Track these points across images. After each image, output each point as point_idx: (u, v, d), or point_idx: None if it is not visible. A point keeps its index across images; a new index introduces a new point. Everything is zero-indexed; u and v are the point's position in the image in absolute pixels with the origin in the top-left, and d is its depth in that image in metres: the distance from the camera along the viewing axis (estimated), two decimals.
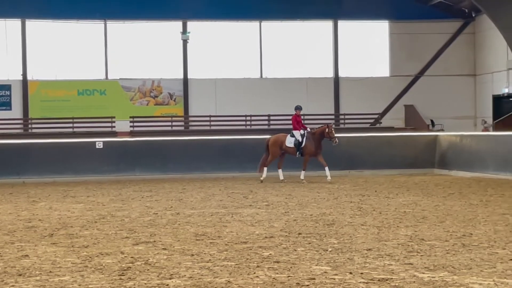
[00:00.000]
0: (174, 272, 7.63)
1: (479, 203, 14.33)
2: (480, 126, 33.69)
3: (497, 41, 32.23)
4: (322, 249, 8.99)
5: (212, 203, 14.93)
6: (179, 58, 34.88)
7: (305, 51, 35.51)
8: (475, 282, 6.98)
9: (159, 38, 34.75)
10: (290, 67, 35.38)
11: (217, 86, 34.95)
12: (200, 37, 34.87)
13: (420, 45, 35.71)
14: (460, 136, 24.39)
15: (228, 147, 24.37)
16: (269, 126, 34.33)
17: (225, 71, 35.07)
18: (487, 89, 34.78)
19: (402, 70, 35.80)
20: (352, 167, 24.17)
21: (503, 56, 32.58)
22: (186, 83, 34.91)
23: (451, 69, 35.87)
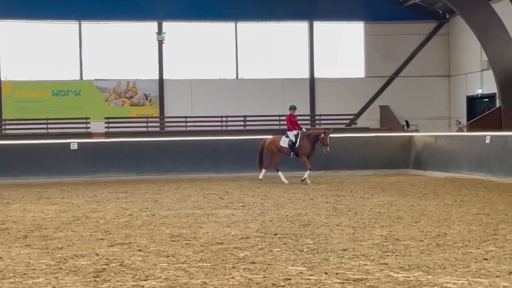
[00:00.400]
0: (150, 273, 7.60)
1: (453, 203, 14.44)
2: (455, 126, 33.95)
3: (471, 42, 32.50)
4: (297, 249, 9.00)
5: (188, 204, 14.89)
6: (155, 59, 34.77)
7: (281, 52, 35.56)
8: (449, 281, 7.03)
9: (134, 39, 34.61)
10: (266, 68, 35.41)
11: (192, 87, 34.89)
12: (176, 38, 34.79)
13: (395, 46, 35.93)
14: (434, 136, 24.56)
15: (204, 148, 24.34)
16: (245, 127, 34.34)
17: (201, 71, 35.02)
18: (461, 89, 35.07)
19: (377, 71, 35.99)
20: (328, 168, 24.24)
21: (476, 57, 32.87)
22: (162, 84, 34.81)
23: (425, 70, 36.13)
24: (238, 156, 24.06)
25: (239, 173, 23.50)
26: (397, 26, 35.74)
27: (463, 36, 34.07)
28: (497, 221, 11.48)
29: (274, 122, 34.39)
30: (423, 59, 36.13)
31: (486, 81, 32.22)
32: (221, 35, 35.38)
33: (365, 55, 36.12)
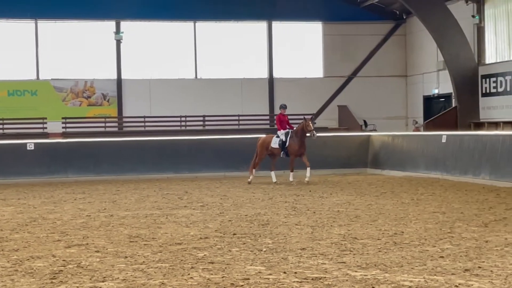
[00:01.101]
0: (107, 274, 7.54)
1: (410, 201, 14.61)
2: (412, 126, 34.32)
3: (428, 43, 32.90)
4: (256, 249, 9.02)
5: (146, 205, 14.82)
6: (113, 59, 34.48)
7: (239, 52, 35.57)
8: (406, 279, 7.11)
9: (92, 38, 34.27)
10: (225, 68, 35.38)
11: (151, 87, 34.69)
12: (134, 37, 34.55)
13: (353, 46, 36.19)
14: (392, 136, 24.80)
15: (162, 148, 24.21)
16: (204, 127, 34.27)
17: (160, 71, 34.84)
18: (418, 89, 35.48)
19: (336, 71, 36.20)
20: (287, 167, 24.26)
21: (433, 57, 33.28)
22: (120, 84, 34.55)
23: (383, 70, 36.46)
24: (197, 156, 24.01)
25: (198, 173, 23.44)
26: (355, 26, 36.01)
27: (419, 36, 34.47)
28: (453, 219, 11.65)
29: (233, 122, 34.39)
30: (380, 59, 36.46)
31: (442, 81, 32.64)
32: (180, 34, 35.24)
33: (323, 55, 36.31)
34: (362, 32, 36.08)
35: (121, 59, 34.52)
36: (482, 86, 29.81)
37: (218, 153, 24.19)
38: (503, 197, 15.17)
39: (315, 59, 36.35)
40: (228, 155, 24.12)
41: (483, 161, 19.29)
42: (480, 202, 14.27)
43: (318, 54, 36.35)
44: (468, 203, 14.12)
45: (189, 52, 35.22)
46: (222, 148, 24.35)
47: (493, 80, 29.16)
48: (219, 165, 23.88)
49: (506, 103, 28.35)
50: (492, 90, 29.22)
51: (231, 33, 35.54)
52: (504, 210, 12.75)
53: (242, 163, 23.98)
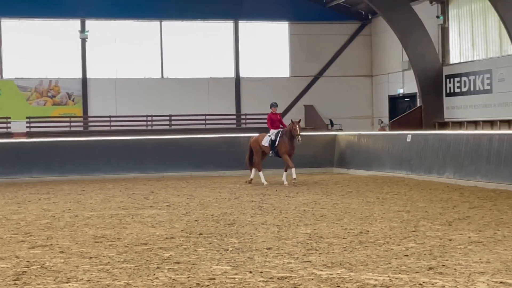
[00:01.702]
0: (72, 275, 7.48)
1: (375, 200, 14.71)
2: (377, 125, 34.59)
3: (393, 43, 33.17)
4: (222, 249, 9.01)
5: (112, 205, 14.72)
6: (78, 58, 34.20)
7: (206, 51, 35.51)
8: (371, 278, 7.16)
9: (56, 37, 33.96)
10: (192, 67, 35.29)
11: (117, 86, 34.48)
12: (99, 36, 34.30)
13: (319, 46, 36.34)
14: (357, 135, 24.96)
15: (128, 147, 24.07)
16: (171, 127, 34.15)
17: (126, 70, 34.63)
18: (383, 89, 35.75)
19: (302, 71, 36.33)
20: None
21: (398, 57, 33.57)
22: (85, 83, 34.27)
23: (349, 70, 36.67)
24: (163, 156, 23.92)
25: (164, 173, 23.36)
26: (321, 26, 36.17)
27: (385, 36, 34.74)
28: (418, 218, 11.75)
29: (200, 122, 34.34)
30: (346, 59, 36.67)
31: (407, 81, 32.94)
32: (146, 34, 35.08)
33: (290, 55, 36.42)
34: (328, 32, 36.26)
35: (86, 58, 34.26)
36: (446, 86, 30.14)
37: (184, 152, 24.13)
38: (467, 196, 15.36)
39: (282, 59, 36.44)
40: (195, 154, 24.08)
41: (447, 160, 19.51)
42: (444, 201, 14.42)
43: (285, 53, 36.45)
44: (432, 202, 14.26)
45: (155, 51, 35.07)
46: (189, 148, 24.30)
47: (457, 80, 29.50)
48: (185, 165, 23.82)
49: (469, 103, 28.70)
50: (456, 90, 29.56)
51: (198, 33, 35.46)
52: (467, 209, 12.90)
53: (209, 163, 23.99)
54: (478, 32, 28.60)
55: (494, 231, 10.12)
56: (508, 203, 13.79)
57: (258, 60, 36.04)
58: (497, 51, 27.51)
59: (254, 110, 35.31)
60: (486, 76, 27.68)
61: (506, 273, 7.29)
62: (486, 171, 17.79)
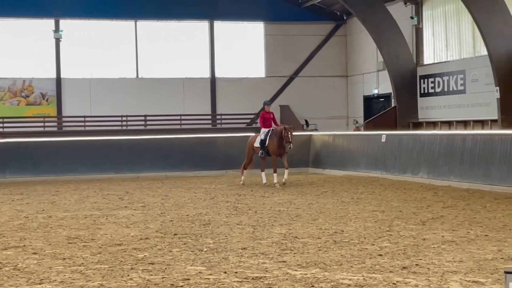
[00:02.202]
0: (45, 277, 7.42)
1: (350, 200, 14.76)
2: (352, 125, 34.72)
3: (367, 43, 33.32)
4: (197, 249, 8.99)
5: (86, 205, 14.63)
6: (52, 57, 33.92)
7: (181, 51, 35.40)
8: (345, 277, 7.18)
9: (30, 36, 33.66)
10: (167, 67, 35.16)
11: (91, 86, 34.26)
12: (74, 36, 34.05)
13: (295, 46, 36.39)
14: (333, 135, 25.04)
15: (103, 148, 23.94)
16: (146, 127, 34.02)
17: (100, 70, 34.41)
18: (358, 89, 35.90)
19: (277, 71, 36.36)
20: (229, 167, 24.30)
21: (373, 58, 33.72)
22: (59, 83, 34.01)
23: (324, 70, 36.76)
24: (138, 156, 23.83)
25: (139, 173, 23.27)
26: (297, 26, 36.23)
27: (360, 37, 34.88)
28: (392, 217, 11.82)
29: (175, 122, 34.24)
30: (321, 60, 36.75)
31: (382, 81, 33.11)
32: (121, 33, 34.90)
33: (265, 55, 36.44)
34: (303, 32, 36.33)
35: (61, 58, 34.00)
36: (421, 87, 30.34)
37: (160, 153, 24.07)
38: (441, 195, 15.47)
39: (257, 59, 36.45)
40: (170, 155, 24.03)
41: (421, 160, 19.64)
42: (418, 200, 14.52)
43: (260, 54, 36.46)
44: (406, 201, 14.35)
45: (130, 51, 34.90)
46: (164, 148, 24.24)
47: (431, 80, 29.71)
48: (161, 165, 23.75)
49: (443, 103, 28.91)
50: (430, 90, 29.76)
51: (173, 33, 35.36)
52: (441, 208, 13.00)
53: (184, 163, 23.94)
54: (452, 33, 28.82)
55: (467, 231, 10.20)
56: (481, 202, 13.92)
57: (234, 60, 36.01)
58: (470, 52, 27.74)
59: (230, 110, 35.29)
60: (460, 77, 27.91)
61: (479, 272, 7.35)
62: (460, 171, 17.94)
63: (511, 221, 11.13)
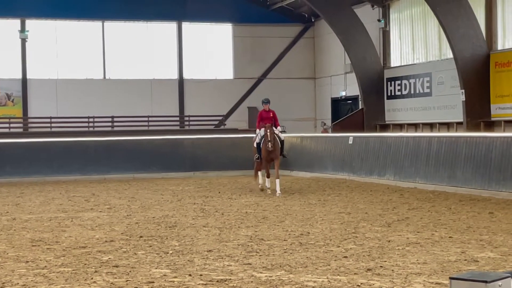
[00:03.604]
0: (7, 280, 7.32)
1: (317, 202, 14.81)
2: (320, 127, 34.84)
3: (335, 46, 33.46)
4: (163, 251, 8.95)
5: (51, 207, 14.49)
6: (18, 58, 33.52)
7: (149, 52, 35.22)
8: (310, 279, 7.19)
9: None
10: (135, 68, 34.95)
11: (58, 87, 33.93)
12: (40, 36, 33.70)
13: (263, 48, 36.42)
14: (300, 137, 25.11)
15: (69, 149, 23.75)
16: (113, 128, 33.78)
17: (67, 71, 34.09)
18: (326, 92, 36.04)
19: (246, 73, 36.36)
20: (197, 169, 24.29)
21: (340, 60, 33.88)
22: (25, 84, 33.63)
23: (292, 72, 36.85)
24: (105, 158, 23.68)
25: (106, 175, 23.11)
26: (265, 28, 36.26)
27: (327, 39, 35.02)
28: (358, 219, 11.88)
29: (143, 123, 34.06)
30: (289, 62, 36.84)
31: (350, 83, 33.27)
32: (88, 34, 34.60)
33: (233, 57, 36.41)
34: (271, 34, 36.37)
35: (27, 58, 33.62)
36: (388, 89, 30.54)
37: (127, 154, 23.94)
38: (406, 197, 15.59)
39: (225, 61, 36.40)
40: (138, 156, 23.91)
41: (387, 162, 19.78)
42: (384, 202, 14.61)
43: (228, 55, 36.42)
44: (372, 203, 14.44)
45: (97, 52, 34.63)
46: (132, 150, 24.12)
47: (397, 83, 29.93)
48: (128, 167, 23.62)
49: (410, 106, 29.14)
50: (397, 92, 29.98)
51: (141, 34, 35.16)
52: (407, 210, 13.10)
53: (152, 165, 23.83)
54: (418, 36, 29.07)
55: (432, 232, 10.29)
56: (446, 204, 14.05)
57: (202, 61, 35.92)
58: (436, 55, 28.00)
59: (198, 111, 35.19)
60: (426, 80, 28.15)
61: (442, 273, 7.41)
62: (425, 173, 18.10)
63: (475, 223, 11.25)
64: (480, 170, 16.32)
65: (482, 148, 16.44)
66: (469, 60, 24.32)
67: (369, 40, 30.23)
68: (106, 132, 31.82)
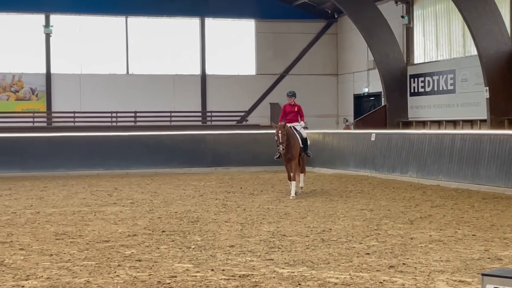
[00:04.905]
0: (31, 273, 7.39)
1: (339, 199, 14.78)
2: (342, 124, 34.74)
3: (358, 42, 33.34)
4: (185, 246, 8.98)
5: (74, 201, 14.59)
6: (42, 53, 33.76)
7: (172, 48, 35.31)
8: (332, 276, 7.19)
9: (20, 31, 33.48)
10: (158, 64, 35.06)
11: (81, 82, 34.13)
12: (64, 31, 33.89)
13: (285, 44, 36.36)
14: (322, 134, 25.06)
15: (93, 144, 23.88)
16: (136, 123, 33.93)
17: (91, 66, 34.28)
18: (349, 88, 35.92)
19: (268, 69, 36.33)
20: (218, 164, 24.32)
21: (363, 56, 33.74)
22: (49, 78, 33.87)
23: (314, 68, 36.76)
24: (128, 153, 23.78)
25: (129, 169, 23.22)
26: (288, 24, 36.20)
27: (350, 35, 34.90)
28: (380, 216, 11.84)
29: (165, 119, 34.17)
30: (312, 58, 36.75)
31: (372, 80, 33.13)
32: (111, 29, 34.76)
33: (256, 53, 36.38)
34: (294, 30, 36.31)
35: (51, 53, 33.85)
36: (411, 86, 30.38)
37: (149, 149, 24.03)
38: (429, 194, 15.51)
39: (248, 57, 36.39)
40: (160, 151, 24.00)
41: (410, 159, 19.68)
42: (407, 199, 14.55)
43: (251, 51, 36.41)
44: (395, 200, 14.38)
45: (120, 48, 34.77)
46: (154, 145, 24.21)
47: (421, 79, 29.75)
48: (150, 162, 23.71)
49: (433, 103, 28.97)
50: (420, 89, 29.81)
51: (164, 29, 35.25)
52: (429, 208, 13.03)
53: (174, 160, 23.91)
54: (442, 32, 28.87)
55: (455, 230, 10.23)
56: (469, 202, 13.96)
57: (224, 57, 35.93)
58: (460, 52, 27.80)
59: (220, 107, 35.24)
60: (450, 76, 27.96)
61: (466, 271, 7.37)
62: (448, 170, 17.99)
63: (498, 221, 11.17)
64: (504, 168, 16.19)
65: (506, 146, 16.31)
66: (494, 57, 24.11)
67: (392, 36, 30.08)
68: (129, 127, 31.97)
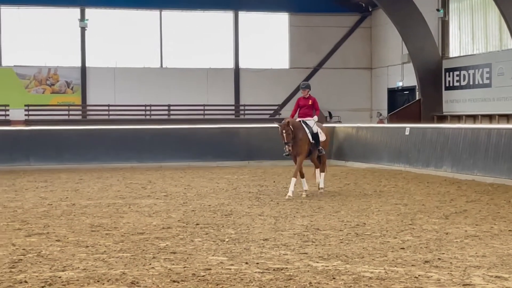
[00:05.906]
0: (67, 264, 7.48)
1: (373, 193, 14.71)
2: (376, 118, 34.56)
3: (392, 36, 33.10)
4: (219, 239, 9.01)
5: (109, 194, 14.72)
6: (77, 46, 34.07)
7: (206, 41, 35.40)
8: (367, 270, 7.16)
9: (56, 25, 33.81)
10: (191, 57, 35.19)
11: (116, 75, 34.38)
12: (99, 25, 34.16)
13: (319, 38, 36.24)
14: (356, 127, 24.94)
15: (127, 136, 24.05)
16: (169, 116, 34.10)
17: (125, 60, 34.51)
18: (383, 82, 35.70)
19: (301, 62, 36.25)
20: (251, 158, 24.34)
21: (398, 50, 33.50)
22: (84, 72, 34.18)
23: (348, 62, 36.60)
24: (161, 146, 23.91)
25: (162, 162, 23.35)
26: (321, 18, 36.07)
27: (385, 29, 34.66)
28: (414, 211, 11.76)
29: (199, 112, 34.30)
30: (346, 51, 36.58)
31: (407, 74, 32.89)
32: (146, 23, 34.95)
33: (289, 46, 36.32)
34: (328, 23, 36.16)
35: (86, 46, 34.14)
36: (446, 80, 30.10)
37: (182, 142, 24.13)
38: (464, 189, 15.36)
39: (281, 50, 36.34)
40: (193, 144, 24.08)
41: (445, 153, 19.50)
42: (441, 194, 14.42)
43: (284, 45, 36.35)
44: (429, 195, 14.27)
45: (154, 41, 34.96)
46: (187, 138, 24.30)
47: (456, 73, 29.46)
48: (183, 155, 23.81)
49: (468, 97, 28.68)
50: (455, 83, 29.53)
51: (197, 23, 35.34)
52: (464, 203, 12.91)
53: (207, 153, 23.98)
54: (478, 26, 28.55)
55: (491, 225, 10.12)
56: (505, 197, 13.80)
57: (258, 51, 35.93)
58: (497, 45, 27.47)
59: (253, 101, 35.26)
60: (486, 70, 27.65)
61: (502, 267, 7.29)
62: (484, 165, 17.79)
63: None
64: None
65: None
66: None
67: (427, 30, 29.81)
68: (162, 120, 32.17)
